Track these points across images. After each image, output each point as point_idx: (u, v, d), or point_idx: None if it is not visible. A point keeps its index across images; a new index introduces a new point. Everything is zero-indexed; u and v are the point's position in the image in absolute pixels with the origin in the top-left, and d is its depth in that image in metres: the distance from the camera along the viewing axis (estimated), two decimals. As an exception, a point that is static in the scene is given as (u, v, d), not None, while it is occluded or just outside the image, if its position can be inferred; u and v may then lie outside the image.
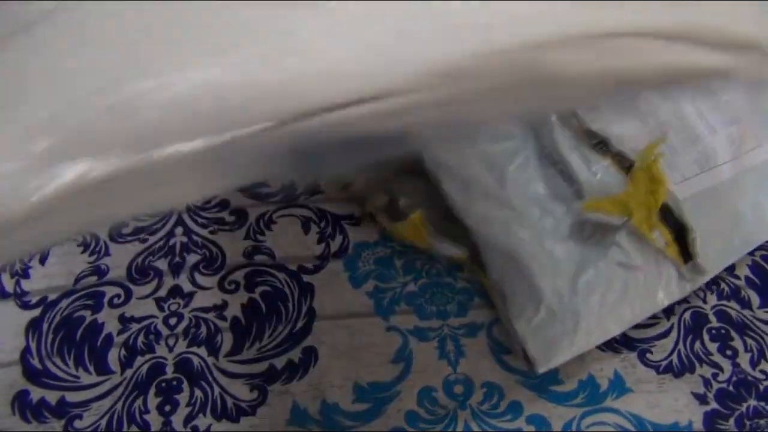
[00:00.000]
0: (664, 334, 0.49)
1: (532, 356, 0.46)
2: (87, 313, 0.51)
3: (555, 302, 0.47)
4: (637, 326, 0.50)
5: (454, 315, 0.50)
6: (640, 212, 0.50)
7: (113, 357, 0.48)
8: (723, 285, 0.52)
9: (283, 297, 0.51)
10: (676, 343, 0.49)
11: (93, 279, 0.52)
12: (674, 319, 0.50)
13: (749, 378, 0.48)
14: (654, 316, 0.50)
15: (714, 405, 0.46)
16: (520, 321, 0.47)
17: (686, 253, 0.49)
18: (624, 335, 0.49)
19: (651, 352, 0.49)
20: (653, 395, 0.47)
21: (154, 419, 0.46)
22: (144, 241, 0.55)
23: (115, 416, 0.46)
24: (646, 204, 0.50)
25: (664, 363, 0.48)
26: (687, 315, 0.50)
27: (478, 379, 0.48)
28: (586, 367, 0.48)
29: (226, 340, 0.49)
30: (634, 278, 0.48)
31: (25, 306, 0.51)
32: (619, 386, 0.47)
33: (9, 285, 0.52)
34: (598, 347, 0.49)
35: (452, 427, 0.45)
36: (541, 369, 0.45)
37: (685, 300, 0.51)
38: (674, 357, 0.48)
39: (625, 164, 0.51)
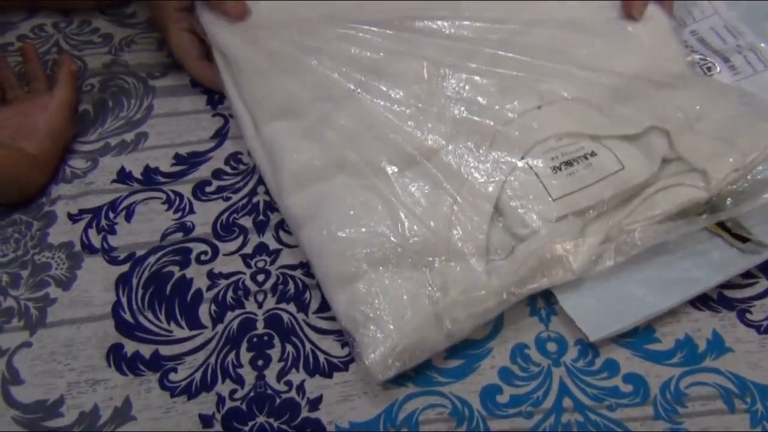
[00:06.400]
0: (765, 294, 0.48)
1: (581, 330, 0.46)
2: (175, 269, 0.51)
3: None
4: (736, 286, 0.48)
5: (544, 273, 0.49)
6: None
7: (204, 312, 0.49)
8: (823, 245, 0.50)
9: (369, 255, 0.51)
10: (778, 303, 0.48)
11: (179, 236, 0.52)
12: (774, 279, 0.49)
13: None
14: (751, 275, 0.49)
15: (820, 366, 0.45)
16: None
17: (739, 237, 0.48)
18: (721, 295, 0.48)
19: (751, 312, 0.47)
20: (755, 355, 0.45)
21: (248, 373, 0.46)
22: (227, 199, 0.54)
23: (209, 370, 0.46)
24: None
25: (765, 323, 0.47)
26: (787, 275, 0.49)
27: (571, 336, 0.47)
28: (682, 327, 0.47)
29: (315, 297, 0.49)
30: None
31: (114, 261, 0.51)
32: (718, 346, 0.46)
33: (96, 241, 0.53)
34: (694, 306, 0.47)
35: (548, 384, 0.44)
36: (593, 338, 0.45)
37: (784, 259, 0.49)
38: (775, 317, 0.47)
39: None
